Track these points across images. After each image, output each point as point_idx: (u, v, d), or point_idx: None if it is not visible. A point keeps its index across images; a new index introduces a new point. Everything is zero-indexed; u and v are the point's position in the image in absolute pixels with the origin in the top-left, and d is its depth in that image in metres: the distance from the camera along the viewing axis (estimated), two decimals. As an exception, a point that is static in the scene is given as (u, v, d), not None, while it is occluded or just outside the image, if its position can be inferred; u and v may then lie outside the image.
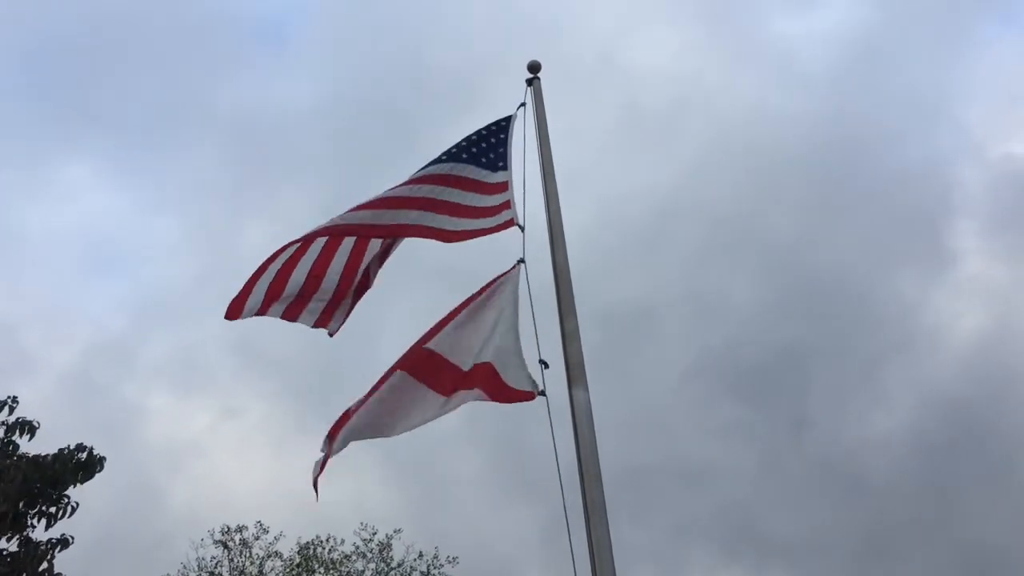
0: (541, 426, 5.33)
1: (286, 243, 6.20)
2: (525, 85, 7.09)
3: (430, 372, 5.54)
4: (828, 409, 38.07)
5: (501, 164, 6.70)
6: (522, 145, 6.74)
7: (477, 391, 5.43)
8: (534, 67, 7.15)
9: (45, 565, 10.12)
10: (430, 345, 5.62)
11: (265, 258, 6.17)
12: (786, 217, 44.79)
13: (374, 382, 5.62)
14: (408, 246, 6.75)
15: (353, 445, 5.61)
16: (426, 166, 6.69)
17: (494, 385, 5.41)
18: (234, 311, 6.04)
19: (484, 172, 6.67)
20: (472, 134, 6.87)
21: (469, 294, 5.89)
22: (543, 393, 5.29)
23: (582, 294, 5.76)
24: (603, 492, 4.73)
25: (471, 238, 6.31)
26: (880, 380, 39.13)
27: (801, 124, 46.01)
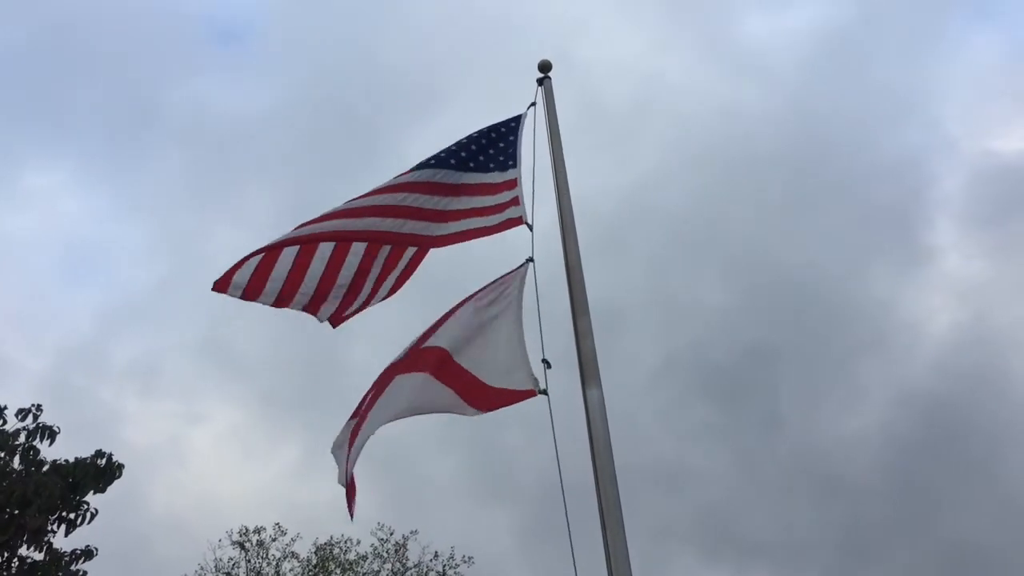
0: (519, 429, 5.31)
1: (293, 233, 6.05)
2: (536, 84, 7.05)
3: (431, 364, 5.56)
4: (801, 409, 37.86)
5: (511, 163, 6.66)
6: (532, 144, 6.68)
7: (476, 410, 5.45)
8: (544, 66, 7.08)
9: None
10: (429, 343, 5.64)
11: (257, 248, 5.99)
12: (755, 215, 44.52)
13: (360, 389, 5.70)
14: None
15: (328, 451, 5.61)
16: (431, 166, 6.58)
17: (491, 400, 5.41)
18: (222, 284, 5.81)
19: (491, 175, 6.61)
20: (479, 137, 6.78)
21: (441, 299, 5.94)
22: (545, 392, 5.23)
23: (547, 297, 5.75)
24: (618, 492, 4.66)
25: (475, 238, 6.29)
26: (854, 378, 38.85)
27: (771, 122, 45.70)
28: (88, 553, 10.59)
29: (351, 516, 5.47)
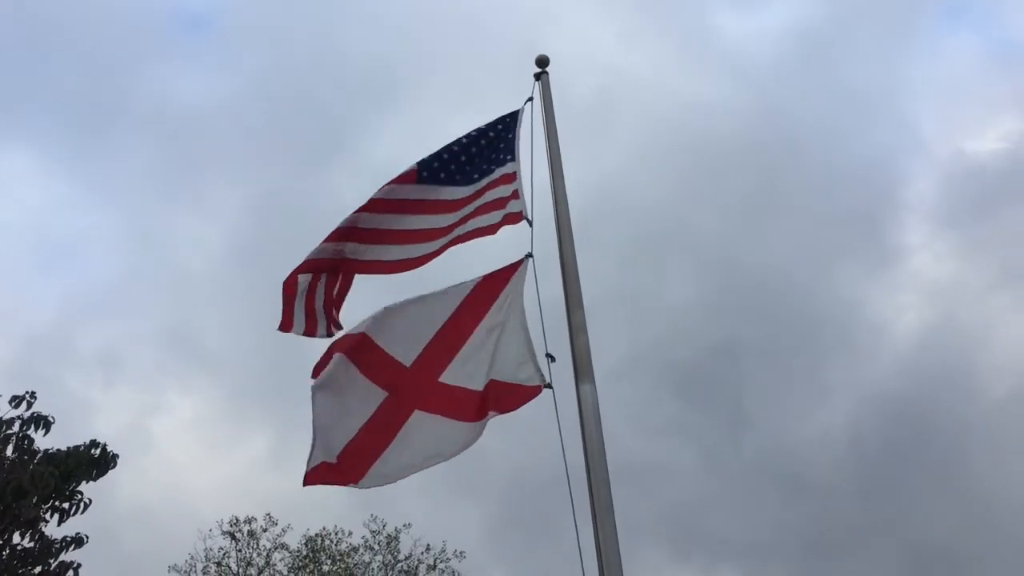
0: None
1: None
2: (533, 79, 7.03)
3: (448, 404, 5.52)
4: (767, 408, 37.97)
5: (509, 157, 6.65)
6: (529, 140, 6.67)
7: (492, 412, 5.44)
8: (542, 61, 7.07)
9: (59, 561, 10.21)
10: (445, 379, 5.60)
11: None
12: (723, 213, 44.36)
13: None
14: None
15: (305, 442, 5.61)
16: (431, 181, 6.54)
17: (505, 397, 5.43)
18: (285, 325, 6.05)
19: (488, 177, 6.58)
20: (476, 141, 6.74)
21: (408, 289, 6.01)
22: (550, 386, 5.29)
23: (530, 289, 5.74)
24: (610, 489, 4.69)
25: (475, 237, 6.30)
26: (820, 377, 38.99)
27: (741, 121, 45.61)
28: (79, 541, 10.59)
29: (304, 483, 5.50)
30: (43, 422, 11.05)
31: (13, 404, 11.05)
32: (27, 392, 11.18)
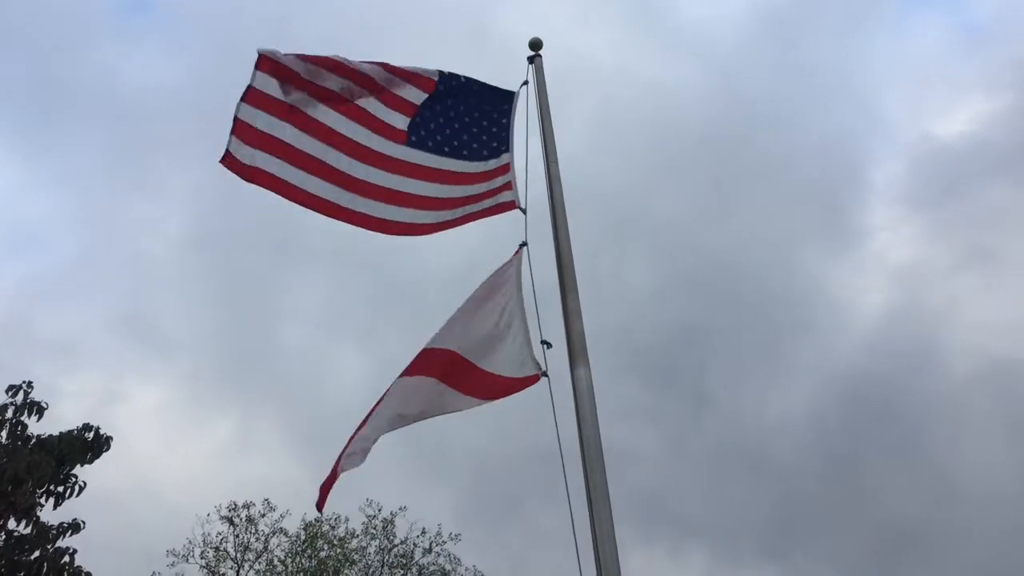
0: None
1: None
2: (527, 63, 6.99)
3: (432, 366, 5.49)
4: (730, 389, 37.97)
5: (504, 148, 6.60)
6: (524, 125, 6.64)
7: (486, 398, 5.46)
8: (535, 44, 7.01)
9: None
10: (432, 345, 5.56)
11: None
12: (684, 194, 44.06)
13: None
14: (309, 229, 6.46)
15: (270, 428, 5.53)
16: (423, 147, 6.40)
17: (501, 387, 5.44)
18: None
19: (485, 163, 6.50)
20: (469, 122, 6.63)
21: (370, 275, 5.94)
22: (546, 374, 5.31)
23: (474, 281, 5.77)
24: (605, 472, 4.68)
25: (467, 222, 6.24)
26: (783, 359, 39.05)
27: (703, 101, 45.13)
28: (75, 526, 10.61)
29: (319, 508, 5.41)
30: (36, 408, 11.07)
31: (10, 394, 11.07)
32: (24, 382, 11.20)
